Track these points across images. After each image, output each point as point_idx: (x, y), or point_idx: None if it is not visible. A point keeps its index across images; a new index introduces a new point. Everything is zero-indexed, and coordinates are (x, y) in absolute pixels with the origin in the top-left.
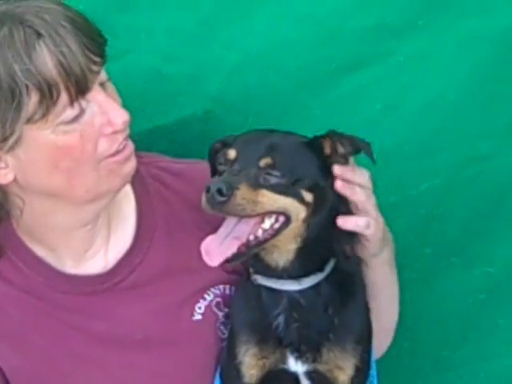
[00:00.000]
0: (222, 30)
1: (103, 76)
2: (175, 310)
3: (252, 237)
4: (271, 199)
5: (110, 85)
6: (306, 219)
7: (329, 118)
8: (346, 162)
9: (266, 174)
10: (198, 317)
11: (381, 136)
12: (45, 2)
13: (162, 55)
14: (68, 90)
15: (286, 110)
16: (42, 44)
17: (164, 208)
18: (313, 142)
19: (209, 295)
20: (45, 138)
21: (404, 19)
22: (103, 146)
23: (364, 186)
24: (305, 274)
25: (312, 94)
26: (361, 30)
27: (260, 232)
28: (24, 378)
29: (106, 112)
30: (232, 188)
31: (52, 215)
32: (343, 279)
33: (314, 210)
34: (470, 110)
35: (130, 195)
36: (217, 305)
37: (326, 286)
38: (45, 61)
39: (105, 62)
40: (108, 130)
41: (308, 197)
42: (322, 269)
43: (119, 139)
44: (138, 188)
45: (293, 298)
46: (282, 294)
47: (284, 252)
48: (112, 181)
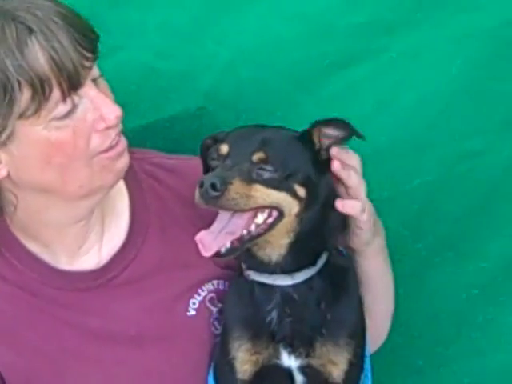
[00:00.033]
0: (214, 26)
1: (95, 72)
2: (169, 306)
3: (245, 231)
4: (264, 194)
5: (102, 81)
6: (298, 214)
7: (322, 114)
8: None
9: (258, 168)
10: (192, 312)
11: (374, 132)
12: None
13: (155, 52)
14: (60, 85)
15: (278, 106)
16: (33, 40)
17: (157, 204)
18: (303, 135)
19: (203, 290)
20: (37, 133)
21: (396, 16)
22: (96, 142)
23: (357, 171)
24: (297, 269)
25: (305, 90)
26: (353, 27)
27: (253, 227)
28: (18, 374)
29: (98, 107)
30: (225, 183)
31: (45, 211)
32: (336, 274)
33: (306, 205)
34: (463, 107)
35: (123, 191)
36: (210, 300)
37: (319, 281)
38: (37, 56)
39: (97, 58)
40: (101, 125)
41: (301, 191)
42: (314, 263)
43: (112, 135)
44: (132, 184)
45: (285, 293)
46: (274, 290)
47: (276, 247)
48: (105, 177)
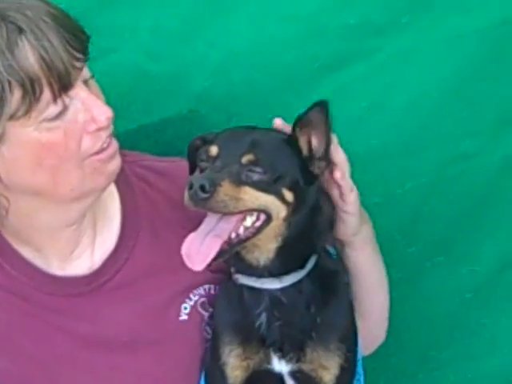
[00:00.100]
0: (205, 28)
1: (86, 73)
2: (161, 311)
3: (234, 234)
4: (253, 196)
5: (93, 82)
6: (286, 218)
7: None
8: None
9: (248, 170)
10: (184, 317)
11: (365, 135)
12: None
13: (146, 54)
14: (51, 85)
15: (270, 108)
16: (23, 39)
17: (148, 207)
18: (290, 137)
19: (194, 295)
20: (28, 135)
21: (388, 17)
22: (87, 144)
23: (340, 149)
24: (286, 272)
25: (296, 92)
26: (345, 28)
27: (241, 230)
28: (11, 380)
29: (89, 109)
30: (215, 184)
31: (37, 215)
32: (325, 277)
33: (294, 209)
34: (455, 108)
35: (114, 194)
36: (202, 305)
37: (308, 284)
38: (27, 56)
39: (87, 59)
40: (92, 127)
41: (288, 196)
42: (303, 266)
43: (103, 137)
44: (123, 187)
45: (274, 297)
46: (263, 293)
47: (265, 250)
48: (96, 179)
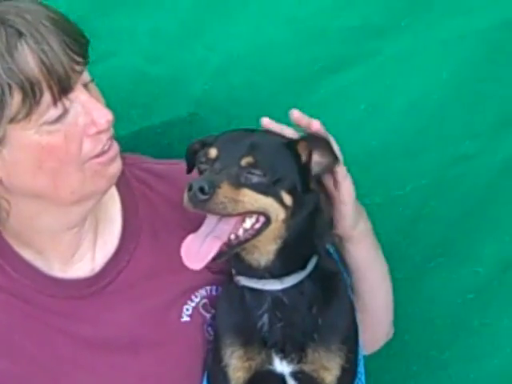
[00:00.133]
0: (205, 31)
1: (86, 77)
2: (163, 312)
3: (233, 236)
4: (252, 198)
5: (93, 86)
6: (285, 220)
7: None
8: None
9: (247, 172)
10: (186, 318)
11: (365, 137)
12: (26, 3)
13: (145, 57)
14: (51, 88)
15: (270, 111)
16: (23, 43)
17: (149, 210)
18: (290, 145)
19: (196, 297)
20: (28, 138)
21: (388, 19)
22: (88, 147)
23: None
24: (286, 273)
25: (296, 95)
26: (344, 31)
27: (241, 231)
28: (11, 382)
29: (89, 112)
30: (214, 186)
31: (38, 218)
32: (326, 278)
33: (293, 212)
34: (455, 110)
35: (115, 197)
36: (204, 306)
37: (310, 285)
38: (26, 60)
39: (87, 63)
40: (92, 130)
41: (287, 199)
42: (304, 267)
43: (103, 140)
44: (123, 190)
45: (276, 298)
46: (264, 294)
47: (264, 252)
48: (97, 182)
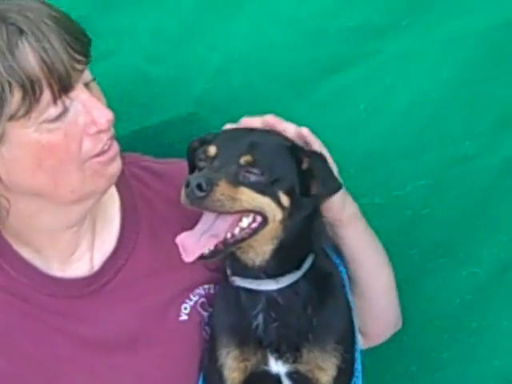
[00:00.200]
0: (205, 31)
1: (87, 76)
2: (161, 311)
3: (229, 235)
4: (250, 197)
5: (94, 85)
6: (282, 221)
7: (313, 119)
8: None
9: (245, 171)
10: (184, 317)
11: (365, 137)
12: (28, 1)
13: (146, 57)
14: (51, 87)
15: (270, 111)
16: (24, 41)
17: (147, 208)
18: (293, 150)
19: (194, 295)
20: (28, 136)
21: (388, 19)
22: (88, 146)
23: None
24: (282, 273)
25: (296, 95)
26: (344, 31)
27: (237, 230)
28: (9, 381)
29: (89, 111)
30: (211, 184)
31: (38, 216)
32: (322, 278)
33: (290, 213)
34: (455, 110)
35: (115, 197)
36: (202, 305)
37: (305, 285)
38: (27, 58)
39: (89, 62)
40: (92, 129)
41: (284, 200)
42: (299, 267)
43: (103, 139)
44: (123, 190)
45: (271, 298)
46: (259, 294)
47: (260, 252)
48: (97, 181)
